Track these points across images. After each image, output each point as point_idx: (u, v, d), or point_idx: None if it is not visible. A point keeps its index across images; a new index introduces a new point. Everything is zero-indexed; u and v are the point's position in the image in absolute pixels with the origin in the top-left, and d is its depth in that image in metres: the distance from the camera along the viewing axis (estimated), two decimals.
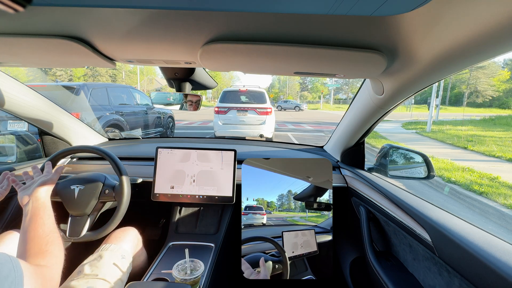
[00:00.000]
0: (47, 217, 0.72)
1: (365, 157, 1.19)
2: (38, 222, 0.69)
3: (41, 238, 0.65)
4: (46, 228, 0.68)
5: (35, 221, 0.69)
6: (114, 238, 0.96)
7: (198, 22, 0.50)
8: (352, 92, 51.76)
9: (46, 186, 0.79)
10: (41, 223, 0.69)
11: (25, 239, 0.65)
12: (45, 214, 0.72)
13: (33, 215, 0.70)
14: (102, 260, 0.84)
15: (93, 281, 0.77)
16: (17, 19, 0.52)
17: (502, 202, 3.19)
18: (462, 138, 8.29)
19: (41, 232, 0.67)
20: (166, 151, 1.05)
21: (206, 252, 0.98)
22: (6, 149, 1.48)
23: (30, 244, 0.64)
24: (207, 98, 33.77)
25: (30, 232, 0.66)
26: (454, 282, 0.59)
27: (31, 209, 0.72)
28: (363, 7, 0.41)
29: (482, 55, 0.46)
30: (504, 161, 5.54)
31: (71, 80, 28.56)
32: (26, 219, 0.70)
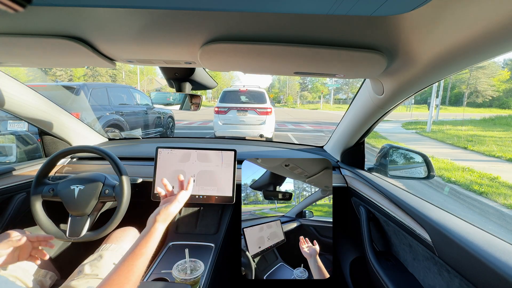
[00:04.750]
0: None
1: (365, 157, 1.19)
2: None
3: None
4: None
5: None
6: (114, 238, 0.96)
7: (198, 22, 0.50)
8: (352, 92, 51.74)
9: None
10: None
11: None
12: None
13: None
14: (102, 260, 0.84)
15: (93, 281, 0.77)
16: (17, 19, 0.52)
17: (502, 202, 3.19)
18: (462, 138, 8.29)
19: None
20: (166, 151, 1.05)
21: (206, 252, 0.98)
22: (6, 149, 1.48)
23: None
24: (207, 98, 33.78)
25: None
26: (454, 282, 0.59)
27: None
28: (363, 7, 0.41)
29: (482, 55, 0.46)
30: (504, 161, 5.54)
31: (71, 80, 28.55)
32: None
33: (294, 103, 49.68)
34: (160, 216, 0.64)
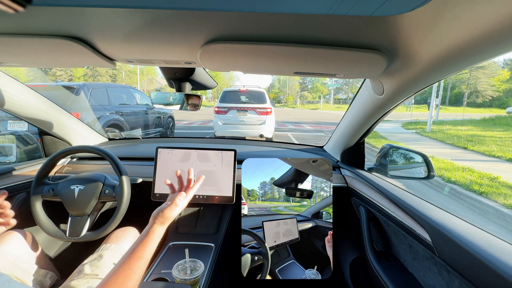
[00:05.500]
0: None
1: (365, 157, 1.19)
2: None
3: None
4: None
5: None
6: (114, 238, 0.96)
7: (198, 22, 0.50)
8: (352, 92, 51.75)
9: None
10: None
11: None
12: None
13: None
14: (103, 260, 0.84)
15: (93, 281, 0.77)
16: (17, 19, 0.52)
17: (502, 202, 3.19)
18: (462, 138, 8.29)
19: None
20: (166, 151, 1.05)
21: (206, 252, 0.98)
22: (6, 149, 1.48)
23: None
24: (207, 98, 33.78)
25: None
26: (454, 282, 0.59)
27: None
28: (363, 7, 0.41)
29: (482, 55, 0.46)
30: (504, 161, 5.54)
31: (71, 80, 28.55)
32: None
33: (294, 103, 49.72)
34: (158, 219, 0.63)
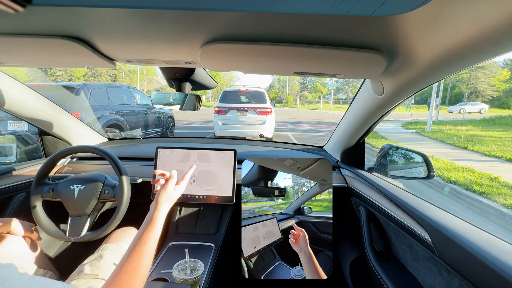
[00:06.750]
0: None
1: (365, 157, 1.19)
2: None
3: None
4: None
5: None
6: (114, 238, 0.96)
7: (198, 22, 0.50)
8: (352, 92, 51.74)
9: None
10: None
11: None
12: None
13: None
14: (102, 260, 0.84)
15: (93, 281, 0.77)
16: (17, 19, 0.52)
17: (502, 202, 3.19)
18: (462, 138, 8.29)
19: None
20: (166, 151, 1.05)
21: (206, 252, 0.98)
22: (6, 149, 1.48)
23: None
24: (207, 98, 33.79)
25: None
26: (454, 282, 0.59)
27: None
28: (363, 7, 0.40)
29: (482, 55, 0.46)
30: (504, 161, 5.54)
31: (71, 80, 28.55)
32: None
33: (294, 103, 49.70)
34: (161, 197, 0.65)
